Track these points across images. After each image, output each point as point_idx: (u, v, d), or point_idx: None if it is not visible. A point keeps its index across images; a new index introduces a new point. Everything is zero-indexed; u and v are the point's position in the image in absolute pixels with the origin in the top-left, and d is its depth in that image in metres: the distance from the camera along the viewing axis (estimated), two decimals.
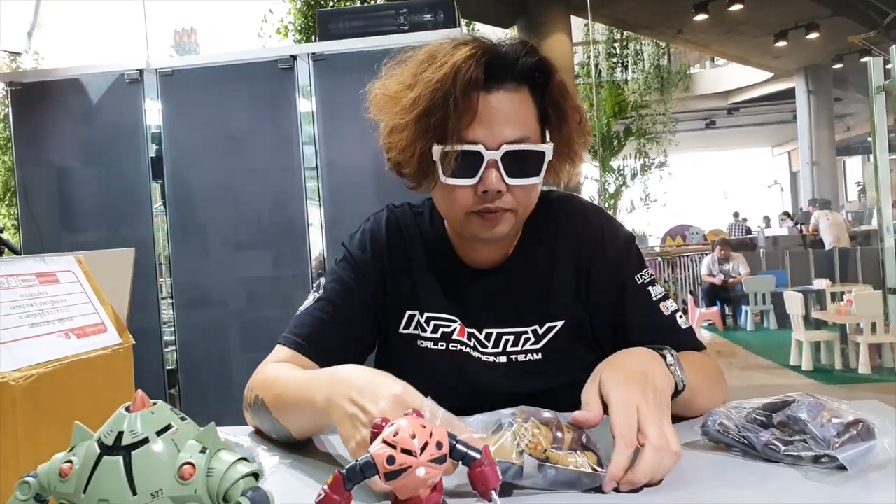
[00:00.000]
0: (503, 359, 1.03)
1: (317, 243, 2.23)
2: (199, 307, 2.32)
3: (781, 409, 0.74)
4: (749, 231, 12.42)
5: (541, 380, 1.02)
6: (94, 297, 0.93)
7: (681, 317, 1.02)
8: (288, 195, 2.23)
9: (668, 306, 1.02)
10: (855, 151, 19.87)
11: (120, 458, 0.45)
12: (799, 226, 10.93)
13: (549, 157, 0.94)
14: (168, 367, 2.31)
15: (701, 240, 11.55)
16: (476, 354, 1.03)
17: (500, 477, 0.53)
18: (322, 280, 1.08)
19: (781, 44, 11.02)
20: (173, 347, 2.30)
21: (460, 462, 0.52)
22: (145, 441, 0.46)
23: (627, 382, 0.74)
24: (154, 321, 2.30)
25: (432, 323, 1.05)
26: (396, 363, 1.08)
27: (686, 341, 1.01)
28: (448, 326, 1.04)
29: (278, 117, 2.29)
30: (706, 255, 8.89)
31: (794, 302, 5.78)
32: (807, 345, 5.74)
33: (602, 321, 1.03)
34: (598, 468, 0.66)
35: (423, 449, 0.49)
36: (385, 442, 0.49)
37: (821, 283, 7.37)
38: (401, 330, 1.07)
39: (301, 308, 1.06)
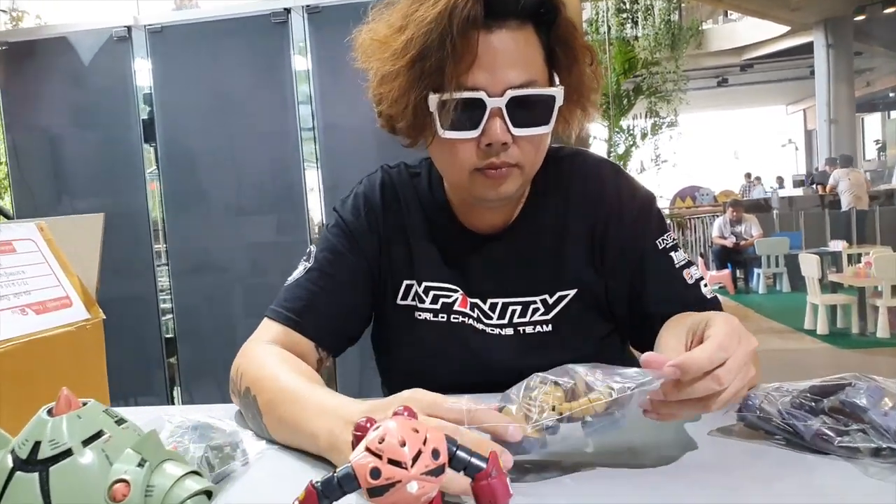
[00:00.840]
0: (510, 331, 0.95)
1: (315, 208, 2.13)
2: (196, 273, 2.24)
3: (833, 392, 0.64)
4: (758, 191, 12.22)
5: (551, 353, 0.93)
6: (58, 268, 0.84)
7: (706, 285, 0.93)
8: (285, 159, 2.13)
9: (693, 273, 0.93)
10: (875, 108, 19.30)
11: (36, 475, 0.36)
12: (815, 186, 10.69)
13: (559, 102, 0.84)
14: (166, 336, 2.24)
15: (711, 201, 11.36)
16: (480, 326, 0.95)
17: (511, 492, 0.44)
18: (313, 248, 1.00)
19: None
20: (171, 315, 2.23)
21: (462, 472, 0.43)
22: (68, 453, 0.37)
23: (729, 325, 0.63)
24: (150, 288, 2.23)
25: (431, 293, 0.97)
26: (394, 337, 1.01)
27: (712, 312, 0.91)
28: (449, 297, 0.96)
29: (273, 76, 2.17)
30: (717, 216, 8.74)
31: (810, 264, 5.65)
32: (823, 308, 5.63)
33: (618, 290, 0.95)
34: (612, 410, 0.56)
35: (415, 459, 0.39)
36: (369, 450, 0.40)
37: (837, 245, 7.22)
38: (398, 301, 0.99)
39: (290, 279, 0.98)
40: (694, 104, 11.59)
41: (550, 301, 0.94)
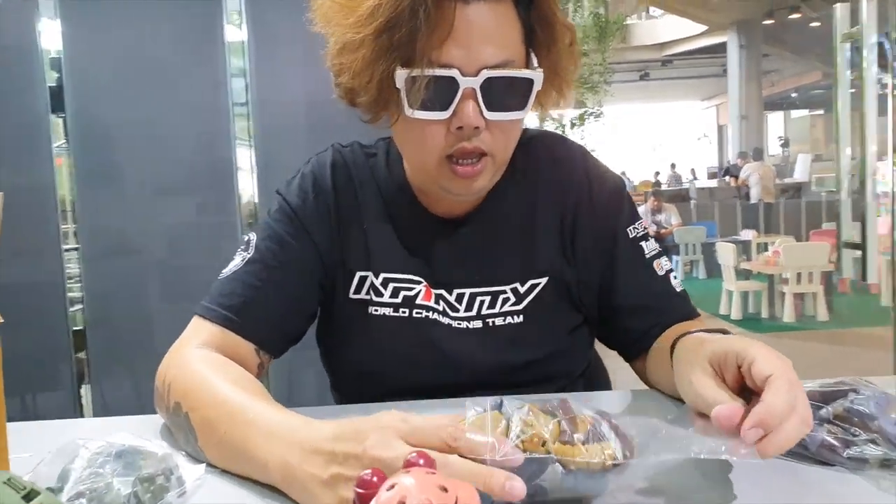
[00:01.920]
0: (478, 323, 0.88)
1: (247, 188, 1.98)
2: (110, 258, 2.04)
3: (834, 398, 0.61)
4: (680, 181, 12.71)
5: (523, 347, 0.89)
6: None
7: (675, 277, 0.90)
8: (213, 134, 1.96)
9: (663, 265, 0.90)
10: (778, 107, 20.54)
11: None
12: (728, 178, 11.20)
13: (537, 86, 0.77)
14: (75, 328, 2.04)
15: (631, 190, 11.71)
16: (445, 321, 0.88)
17: None
18: (252, 236, 0.88)
19: None
20: (80, 305, 2.03)
21: None
22: None
23: (772, 354, 0.56)
24: (57, 274, 2.02)
25: (391, 285, 0.89)
26: (345, 336, 0.91)
27: (681, 307, 0.89)
28: (411, 289, 0.88)
29: (202, 46, 1.99)
30: (638, 205, 9.01)
31: (726, 253, 5.91)
32: (737, 294, 5.90)
33: (589, 279, 0.90)
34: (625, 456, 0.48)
35: None
36: None
37: (748, 235, 7.60)
38: (350, 295, 0.90)
39: (226, 271, 0.86)
40: (617, 96, 11.88)
41: (522, 290, 0.88)
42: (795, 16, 12.31)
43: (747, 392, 0.56)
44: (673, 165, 14.39)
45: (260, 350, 0.83)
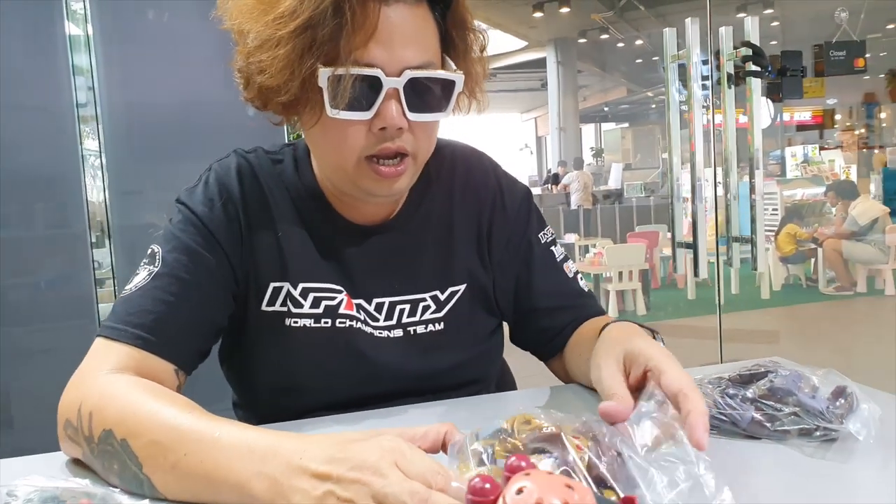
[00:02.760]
0: (398, 332, 0.88)
1: (97, 195, 1.76)
2: None
3: (755, 380, 0.69)
4: None
5: (443, 354, 0.90)
6: None
7: (581, 279, 0.96)
8: (55, 138, 1.72)
9: (571, 267, 0.96)
10: (591, 120, 22.52)
11: None
12: (549, 186, 12.04)
13: (458, 88, 0.79)
14: None
15: None
16: (368, 330, 0.86)
17: None
18: (157, 248, 0.81)
19: (538, 14, 11.85)
20: None
21: None
22: None
23: (680, 370, 0.62)
24: None
25: (311, 296, 0.85)
26: (259, 351, 0.86)
27: (591, 305, 0.96)
28: (333, 298, 0.85)
29: (38, 42, 1.74)
30: None
31: None
32: None
33: (504, 283, 0.94)
34: None
35: None
36: None
37: (570, 238, 8.22)
38: (263, 307, 0.85)
39: (130, 287, 0.78)
40: None
41: (442, 297, 0.89)
42: (605, 36, 13.59)
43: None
44: None
45: (178, 370, 0.77)
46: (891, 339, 4.02)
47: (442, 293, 0.89)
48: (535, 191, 13.03)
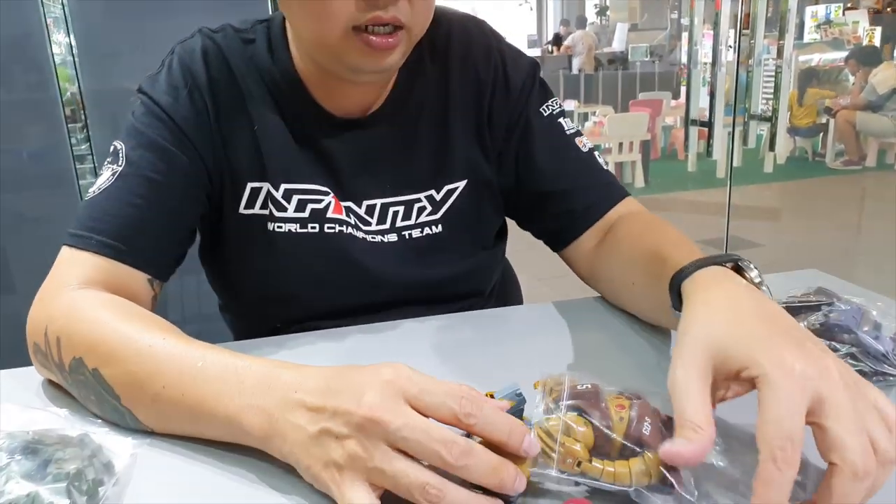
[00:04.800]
0: (392, 237, 0.79)
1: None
2: None
3: (808, 311, 0.60)
4: None
5: (444, 260, 0.82)
6: None
7: (600, 156, 0.83)
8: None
9: (585, 143, 0.83)
10: None
11: None
12: (550, 47, 11.44)
13: None
14: None
15: None
16: (360, 235, 0.78)
17: None
18: (120, 145, 0.71)
19: None
20: None
21: None
22: None
23: (775, 343, 0.41)
24: None
25: (295, 198, 0.76)
26: (241, 259, 0.80)
27: (613, 187, 0.82)
28: (319, 201, 0.77)
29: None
30: None
31: None
32: None
33: (507, 172, 0.83)
34: (668, 480, 0.40)
35: None
36: None
37: (570, 104, 7.93)
38: (242, 210, 0.76)
39: (94, 190, 0.70)
40: None
41: (438, 197, 0.80)
42: None
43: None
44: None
45: (153, 280, 0.70)
46: None
47: (438, 192, 0.80)
48: (535, 52, 12.43)
